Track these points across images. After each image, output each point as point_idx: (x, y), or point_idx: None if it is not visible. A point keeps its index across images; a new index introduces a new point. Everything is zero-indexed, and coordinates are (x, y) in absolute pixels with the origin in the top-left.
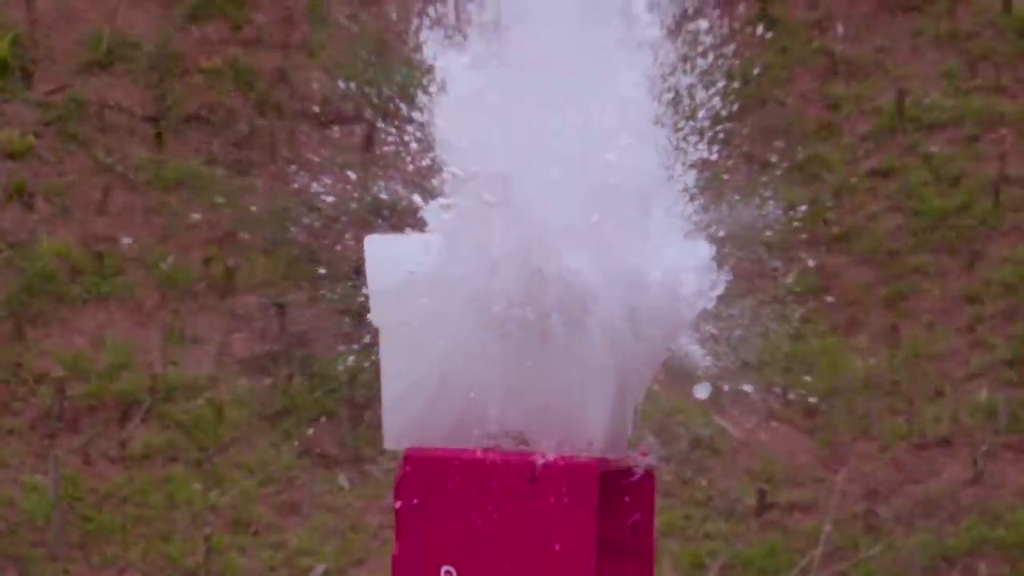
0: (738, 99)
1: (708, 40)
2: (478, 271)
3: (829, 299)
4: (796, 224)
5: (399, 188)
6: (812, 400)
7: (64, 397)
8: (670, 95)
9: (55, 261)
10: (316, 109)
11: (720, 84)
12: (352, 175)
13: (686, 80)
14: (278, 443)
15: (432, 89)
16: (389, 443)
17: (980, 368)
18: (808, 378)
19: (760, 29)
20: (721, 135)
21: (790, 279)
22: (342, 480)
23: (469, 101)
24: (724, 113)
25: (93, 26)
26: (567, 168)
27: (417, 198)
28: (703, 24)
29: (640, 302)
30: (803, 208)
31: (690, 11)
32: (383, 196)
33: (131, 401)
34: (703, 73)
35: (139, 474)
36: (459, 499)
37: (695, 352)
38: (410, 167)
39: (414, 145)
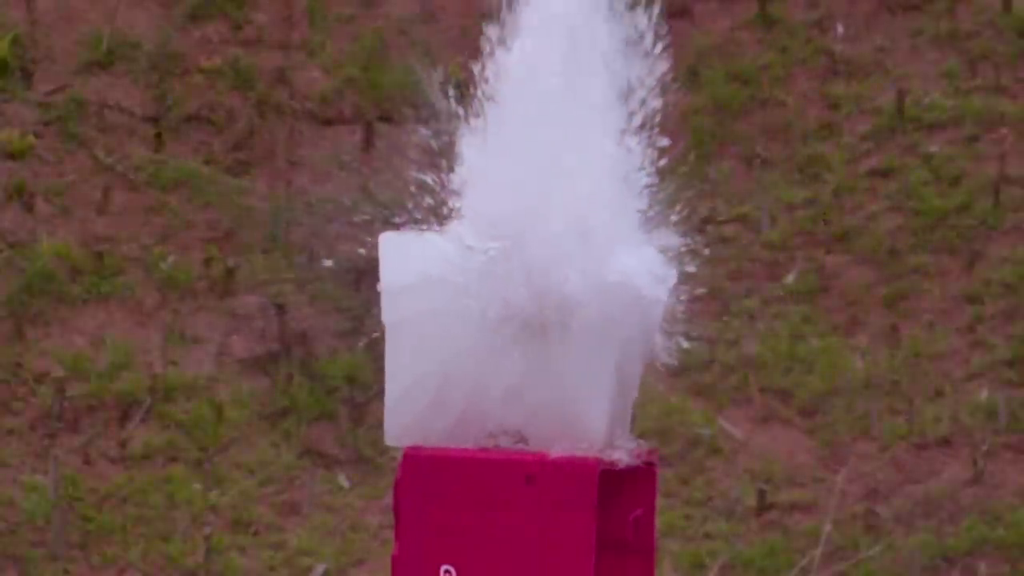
0: (672, 164)
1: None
2: (484, 279)
3: (829, 299)
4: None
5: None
6: (812, 400)
7: (64, 397)
8: (625, 171)
9: (55, 261)
10: (316, 109)
11: (651, 169)
12: (352, 175)
13: (633, 164)
14: (278, 443)
15: (462, 168)
16: (391, 440)
17: (980, 368)
18: (808, 378)
19: (760, 29)
20: (651, 191)
21: (790, 279)
22: (342, 480)
23: (489, 178)
24: (656, 183)
25: (93, 26)
26: (560, 215)
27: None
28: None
29: (618, 303)
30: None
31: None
32: (384, 197)
33: (131, 401)
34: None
35: (139, 474)
36: (458, 498)
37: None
38: (448, 217)
39: (459, 208)
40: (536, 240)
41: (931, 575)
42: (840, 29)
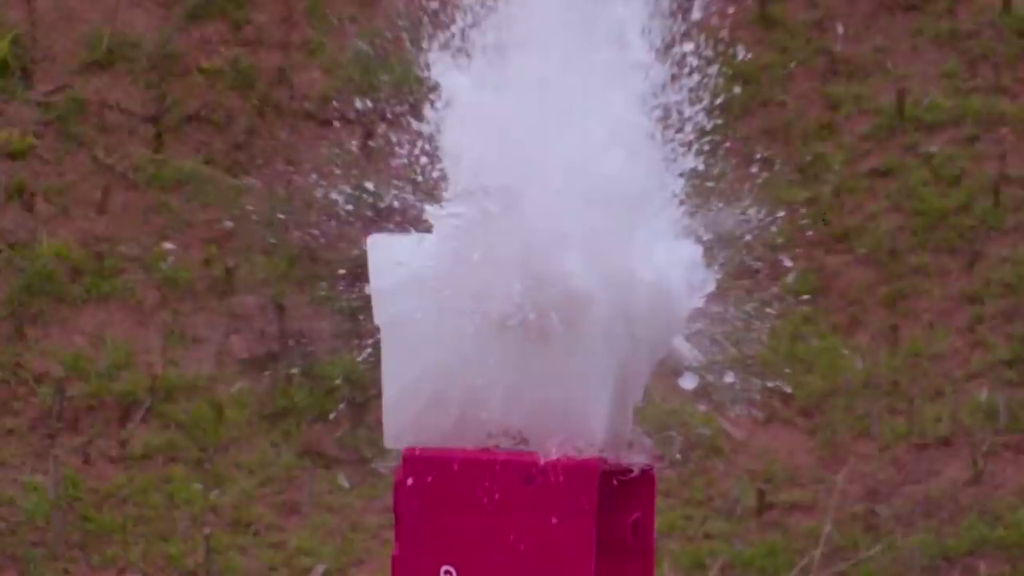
0: (726, 110)
1: (694, 61)
2: (480, 273)
3: (829, 299)
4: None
5: (406, 195)
6: (812, 400)
7: (64, 397)
8: (660, 112)
9: (55, 261)
10: (316, 109)
11: (705, 101)
12: (352, 175)
13: (674, 98)
14: (278, 443)
15: (439, 105)
16: (389, 442)
17: (980, 368)
18: (808, 378)
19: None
20: (707, 147)
21: (790, 279)
22: (342, 480)
23: (473, 118)
24: (709, 127)
25: (93, 26)
26: (565, 180)
27: (422, 202)
28: (689, 47)
29: (634, 302)
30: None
31: (677, 35)
32: (384, 196)
33: (131, 401)
34: (690, 91)
35: (139, 474)
36: (459, 499)
37: (684, 347)
38: (419, 178)
39: (424, 159)
40: (532, 210)
41: (931, 575)
42: (840, 29)
